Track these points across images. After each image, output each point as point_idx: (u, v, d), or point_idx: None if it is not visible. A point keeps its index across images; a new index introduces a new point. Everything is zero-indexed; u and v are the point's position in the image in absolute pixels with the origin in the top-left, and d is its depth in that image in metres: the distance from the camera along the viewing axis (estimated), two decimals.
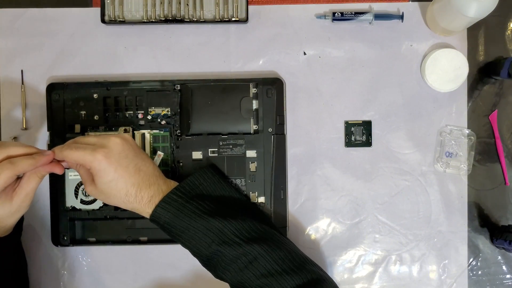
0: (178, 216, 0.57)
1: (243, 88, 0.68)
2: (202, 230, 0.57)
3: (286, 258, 0.57)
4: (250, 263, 0.56)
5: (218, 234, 0.56)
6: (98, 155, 0.55)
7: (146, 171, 0.58)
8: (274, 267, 0.56)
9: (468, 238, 0.70)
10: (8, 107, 0.70)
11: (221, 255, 0.56)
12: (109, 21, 0.69)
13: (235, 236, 0.56)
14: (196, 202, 0.57)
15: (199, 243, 0.57)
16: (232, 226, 0.57)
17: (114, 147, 0.56)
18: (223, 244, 0.56)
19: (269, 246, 0.57)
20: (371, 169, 0.70)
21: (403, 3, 0.70)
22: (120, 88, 0.67)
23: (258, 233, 0.58)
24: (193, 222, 0.57)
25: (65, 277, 0.70)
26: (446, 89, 0.68)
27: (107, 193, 0.57)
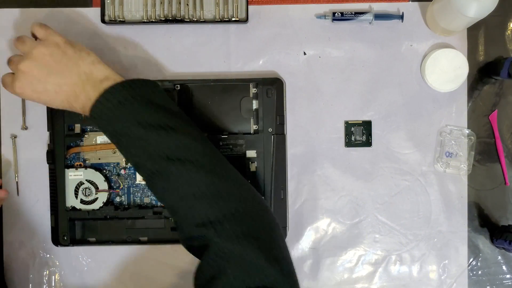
0: (116, 114, 0.53)
1: (243, 88, 0.68)
2: (145, 140, 0.52)
3: (203, 183, 0.51)
4: (166, 183, 0.52)
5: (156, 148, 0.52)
6: (16, 90, 0.57)
7: (68, 83, 0.55)
8: (185, 190, 0.51)
9: (468, 238, 0.70)
10: (8, 107, 0.70)
11: (168, 173, 0.52)
12: (109, 21, 0.69)
13: (159, 151, 0.52)
14: (133, 107, 0.53)
15: (139, 155, 0.53)
16: (162, 139, 0.52)
17: (22, 77, 0.56)
18: (149, 159, 0.52)
19: (185, 168, 0.52)
20: (371, 169, 0.70)
21: (403, 3, 0.70)
22: None
23: (181, 152, 0.52)
24: (129, 131, 0.53)
25: (65, 277, 0.70)
26: (446, 89, 0.68)
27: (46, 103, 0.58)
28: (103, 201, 0.67)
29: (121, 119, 0.53)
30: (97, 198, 0.67)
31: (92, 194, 0.67)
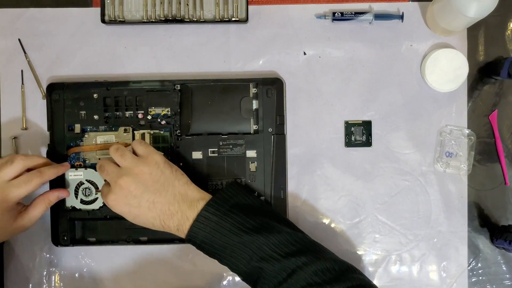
0: (214, 235, 0.56)
1: (243, 88, 0.68)
2: (239, 248, 0.56)
3: (325, 269, 0.55)
4: (289, 277, 0.54)
5: (256, 251, 0.55)
6: (109, 203, 0.59)
7: (163, 202, 0.57)
8: (313, 278, 0.54)
9: (468, 238, 0.70)
10: (8, 108, 0.70)
11: (260, 271, 0.55)
12: (109, 21, 0.69)
13: (273, 251, 0.55)
14: (231, 218, 0.56)
15: (238, 260, 0.56)
16: (269, 241, 0.56)
17: (119, 192, 0.58)
18: (262, 261, 0.55)
19: (307, 258, 0.55)
20: (371, 169, 0.70)
21: (403, 3, 0.70)
22: (120, 88, 0.67)
23: (295, 245, 0.57)
24: (230, 240, 0.56)
25: (65, 277, 0.70)
26: (446, 89, 0.68)
27: (139, 223, 0.60)
28: (103, 201, 0.67)
29: (228, 228, 0.56)
30: (97, 198, 0.67)
31: (92, 194, 0.67)
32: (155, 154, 0.60)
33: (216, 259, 0.58)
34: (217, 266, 0.69)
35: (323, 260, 0.56)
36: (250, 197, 0.60)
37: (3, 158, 0.61)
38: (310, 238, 0.60)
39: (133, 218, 0.59)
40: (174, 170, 0.60)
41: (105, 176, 0.60)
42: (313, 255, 0.56)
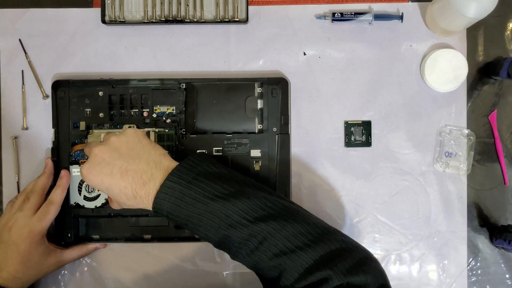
0: (179, 204, 0.53)
1: (248, 88, 0.68)
2: (206, 216, 0.53)
3: (299, 233, 0.51)
4: (260, 244, 0.51)
5: (224, 218, 0.52)
6: (83, 172, 0.56)
7: (135, 169, 0.54)
8: (286, 244, 0.51)
9: (468, 238, 0.70)
10: (9, 107, 0.70)
11: (229, 239, 0.53)
12: (110, 21, 0.69)
13: (241, 217, 0.52)
14: (196, 185, 0.53)
15: (206, 230, 0.53)
16: (236, 207, 0.52)
17: (93, 159, 0.56)
18: (230, 228, 0.52)
19: (278, 223, 0.52)
20: (370, 169, 0.70)
21: (403, 4, 0.70)
22: (125, 86, 0.67)
23: (265, 209, 0.53)
24: (196, 209, 0.53)
25: (66, 276, 0.70)
26: (446, 89, 0.68)
27: (117, 201, 0.58)
28: (106, 197, 0.67)
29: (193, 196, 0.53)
30: (100, 194, 0.67)
31: (95, 190, 0.67)
32: (134, 128, 0.59)
33: (186, 229, 0.56)
34: (218, 266, 0.69)
35: (295, 224, 0.52)
36: (218, 165, 0.57)
37: (18, 197, 0.65)
38: (285, 201, 0.56)
39: (107, 189, 0.56)
40: (153, 142, 0.58)
41: (87, 149, 0.59)
42: (284, 219, 0.52)
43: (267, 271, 0.52)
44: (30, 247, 0.61)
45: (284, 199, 0.56)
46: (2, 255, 0.61)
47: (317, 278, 0.49)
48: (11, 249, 0.60)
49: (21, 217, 0.62)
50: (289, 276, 0.50)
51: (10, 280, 0.60)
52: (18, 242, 0.61)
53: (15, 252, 0.60)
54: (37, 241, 0.62)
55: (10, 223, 0.62)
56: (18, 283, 0.61)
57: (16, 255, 0.60)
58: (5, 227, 0.62)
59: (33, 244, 0.61)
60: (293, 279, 0.50)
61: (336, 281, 0.49)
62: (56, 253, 0.64)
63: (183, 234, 0.67)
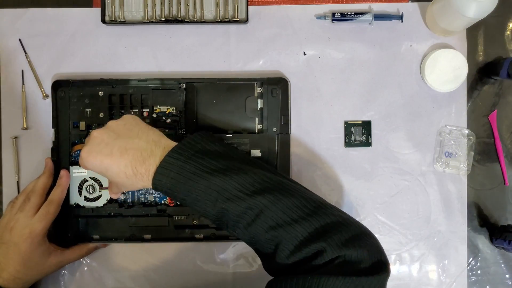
0: (179, 180, 0.53)
1: (248, 88, 0.68)
2: (204, 190, 0.53)
3: (295, 206, 0.52)
4: (257, 217, 0.52)
5: (221, 192, 0.53)
6: (82, 156, 0.56)
7: (135, 147, 0.55)
8: (282, 217, 0.51)
9: (468, 238, 0.70)
10: (9, 108, 0.70)
11: (227, 212, 0.53)
12: (110, 21, 0.69)
13: (238, 191, 0.52)
14: (195, 161, 0.54)
15: (204, 204, 0.53)
16: (234, 180, 0.53)
17: (93, 141, 0.56)
18: (227, 201, 0.52)
19: (274, 196, 0.52)
20: (370, 169, 0.70)
21: (403, 4, 0.70)
22: (125, 86, 0.67)
23: (262, 183, 0.53)
24: (194, 184, 0.53)
25: (66, 276, 0.70)
26: (446, 89, 0.68)
27: (117, 183, 0.57)
28: (107, 198, 0.67)
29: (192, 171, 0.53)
30: (101, 195, 0.67)
31: (96, 191, 0.67)
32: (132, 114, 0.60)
33: (185, 205, 0.56)
34: (218, 266, 0.69)
35: (291, 197, 0.53)
36: (217, 143, 0.57)
37: (19, 197, 0.64)
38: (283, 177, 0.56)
39: (106, 170, 0.55)
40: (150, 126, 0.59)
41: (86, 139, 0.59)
42: (280, 193, 0.53)
43: (264, 244, 0.53)
44: (31, 248, 0.61)
45: (283, 176, 0.57)
46: (3, 256, 0.61)
47: (312, 250, 0.49)
48: (12, 249, 0.60)
49: (22, 217, 0.62)
50: (285, 248, 0.51)
51: (10, 281, 0.60)
52: (19, 242, 0.61)
53: (16, 253, 0.60)
54: (38, 242, 0.62)
55: (11, 223, 0.62)
56: (18, 283, 0.61)
57: (17, 256, 0.60)
58: (6, 228, 0.62)
59: (34, 245, 0.61)
60: (288, 251, 0.50)
61: (330, 253, 0.49)
62: (56, 254, 0.64)
63: (183, 234, 0.67)
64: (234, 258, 0.70)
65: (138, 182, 0.55)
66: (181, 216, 0.67)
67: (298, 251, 0.50)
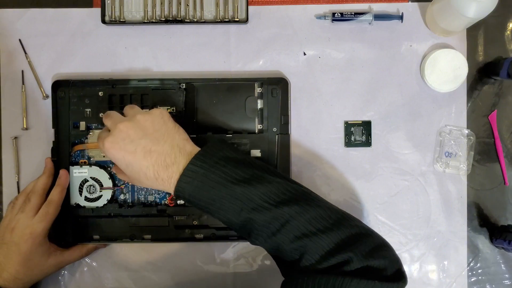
0: (202, 188, 0.53)
1: (248, 88, 0.68)
2: (228, 200, 0.53)
3: (320, 217, 0.53)
4: (282, 227, 0.52)
5: (246, 201, 0.53)
6: (105, 145, 0.56)
7: (160, 151, 0.55)
8: (307, 227, 0.52)
9: (468, 238, 0.70)
10: (9, 108, 0.70)
11: (252, 222, 0.53)
12: (110, 21, 0.69)
13: (264, 201, 0.53)
14: (218, 169, 0.53)
15: (228, 213, 0.54)
16: (259, 191, 0.53)
17: (117, 134, 0.55)
18: (253, 211, 0.52)
19: (300, 207, 0.53)
20: (370, 169, 0.70)
21: (403, 4, 0.70)
22: (125, 86, 0.67)
23: (287, 194, 0.54)
24: (218, 192, 0.53)
25: (66, 276, 0.70)
26: (446, 89, 0.68)
27: (133, 178, 0.57)
28: (107, 198, 0.67)
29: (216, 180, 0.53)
30: (102, 195, 0.67)
31: (96, 191, 0.67)
32: (160, 109, 0.59)
33: (207, 213, 0.56)
34: (219, 266, 0.69)
35: (316, 208, 0.53)
36: (238, 151, 0.58)
37: (19, 198, 0.65)
38: (304, 188, 0.57)
39: (126, 166, 0.56)
40: (177, 125, 0.58)
41: (108, 121, 0.59)
42: (306, 203, 0.53)
43: (288, 253, 0.53)
44: (31, 248, 0.61)
45: (303, 186, 0.58)
46: (4, 256, 0.61)
47: (338, 260, 0.50)
48: (12, 250, 0.61)
49: (23, 218, 0.62)
50: (311, 257, 0.51)
51: (11, 281, 0.61)
52: (20, 243, 0.61)
53: (17, 253, 0.60)
54: (39, 242, 0.62)
55: (12, 224, 0.62)
56: (18, 284, 0.61)
57: (17, 256, 0.60)
58: (7, 228, 0.62)
59: (35, 245, 0.61)
60: (314, 260, 0.51)
61: (356, 263, 0.50)
62: (56, 254, 0.64)
63: (183, 234, 0.67)
64: (234, 258, 0.70)
65: (157, 185, 0.56)
66: (181, 216, 0.67)
67: (324, 260, 0.51)
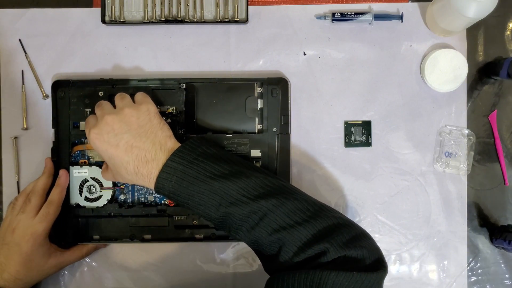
0: (181, 184, 0.55)
1: (248, 88, 0.68)
2: (207, 195, 0.54)
3: (297, 209, 0.53)
4: (260, 220, 0.53)
5: (224, 196, 0.54)
6: (91, 135, 0.58)
7: (140, 147, 0.56)
8: (285, 220, 0.53)
9: (468, 238, 0.70)
10: (9, 108, 0.70)
11: (230, 216, 0.54)
12: (110, 21, 0.69)
13: (241, 195, 0.54)
14: (197, 165, 0.55)
15: (207, 208, 0.55)
16: (237, 185, 0.54)
17: (103, 126, 0.57)
18: (231, 206, 0.54)
19: (277, 200, 0.53)
20: (370, 169, 0.70)
21: (403, 4, 0.70)
22: (125, 86, 0.67)
23: (265, 188, 0.55)
24: (197, 188, 0.54)
25: (66, 276, 0.70)
26: (446, 89, 0.68)
27: (114, 172, 0.59)
28: (107, 198, 0.67)
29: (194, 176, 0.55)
30: (102, 195, 0.67)
31: (96, 191, 0.67)
32: (149, 104, 0.60)
33: (187, 209, 0.57)
34: (218, 266, 0.69)
35: (294, 201, 0.54)
36: (217, 147, 0.59)
37: (19, 198, 0.65)
38: (283, 181, 0.57)
39: (109, 159, 0.58)
40: (162, 122, 0.59)
41: (98, 111, 0.60)
42: (283, 197, 0.54)
43: (267, 246, 0.54)
44: (32, 249, 0.61)
45: (282, 180, 0.58)
46: (5, 257, 0.61)
47: (315, 251, 0.51)
48: (14, 250, 0.61)
49: (24, 219, 0.62)
50: (288, 250, 0.52)
51: (11, 281, 0.61)
52: (21, 243, 0.61)
53: (18, 253, 0.61)
54: (40, 243, 0.62)
55: (13, 224, 0.62)
56: (19, 284, 0.61)
57: (18, 257, 0.61)
58: (8, 229, 0.62)
59: (36, 246, 0.61)
60: (292, 252, 0.52)
61: (333, 253, 0.50)
62: (56, 255, 0.65)
63: (183, 234, 0.67)
64: (234, 258, 0.70)
65: (137, 180, 0.57)
66: (181, 216, 0.67)
67: (302, 252, 0.51)
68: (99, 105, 0.61)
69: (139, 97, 0.61)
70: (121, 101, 0.60)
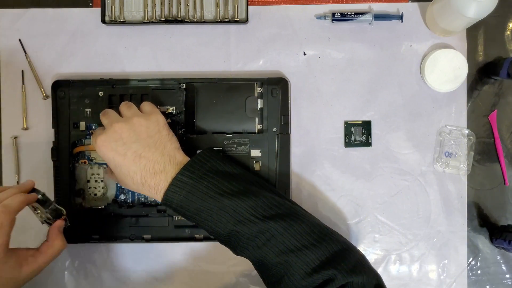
0: (190, 198, 0.54)
1: (248, 88, 0.68)
2: (216, 211, 0.54)
3: (305, 232, 0.54)
4: (268, 241, 0.53)
5: (233, 214, 0.54)
6: (97, 142, 0.57)
7: (149, 158, 0.56)
8: (293, 243, 0.53)
9: (468, 238, 0.70)
10: (9, 108, 0.70)
11: (238, 234, 0.54)
12: (110, 21, 0.69)
13: (250, 214, 0.54)
14: (207, 181, 0.55)
15: (215, 224, 0.55)
16: (246, 204, 0.54)
17: (111, 134, 0.56)
18: (239, 224, 0.54)
19: (286, 222, 0.54)
20: (370, 169, 0.70)
21: (403, 4, 0.70)
22: (125, 86, 0.67)
23: (274, 208, 0.55)
24: (206, 204, 0.54)
25: (66, 276, 0.70)
26: (446, 89, 0.68)
27: (120, 179, 0.58)
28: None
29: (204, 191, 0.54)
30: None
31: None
32: (158, 114, 0.60)
33: (194, 223, 0.57)
34: (219, 266, 0.69)
35: (302, 224, 0.54)
36: (226, 162, 0.58)
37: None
38: (289, 201, 0.58)
39: (115, 167, 0.57)
40: (171, 134, 0.59)
41: (105, 120, 0.60)
42: (292, 219, 0.54)
43: (272, 267, 0.54)
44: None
45: (289, 199, 0.58)
46: None
47: (323, 277, 0.51)
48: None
49: None
50: (295, 273, 0.52)
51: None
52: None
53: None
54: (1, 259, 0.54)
55: None
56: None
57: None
58: None
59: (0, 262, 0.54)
60: (299, 276, 0.52)
61: (340, 280, 0.51)
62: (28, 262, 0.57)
63: (183, 234, 0.67)
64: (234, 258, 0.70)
65: (143, 191, 0.56)
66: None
67: (309, 277, 0.52)
68: (105, 113, 0.60)
69: (148, 107, 0.61)
70: (129, 110, 0.60)
